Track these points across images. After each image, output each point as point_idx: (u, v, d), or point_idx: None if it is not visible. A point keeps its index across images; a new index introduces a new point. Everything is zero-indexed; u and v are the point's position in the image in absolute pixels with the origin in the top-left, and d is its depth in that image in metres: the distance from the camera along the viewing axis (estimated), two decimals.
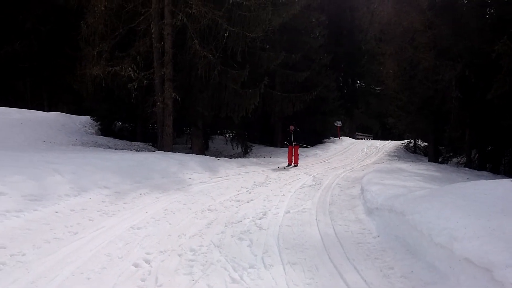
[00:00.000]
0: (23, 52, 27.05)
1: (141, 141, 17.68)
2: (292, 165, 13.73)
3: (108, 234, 4.92)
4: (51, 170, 7.56)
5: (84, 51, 13.96)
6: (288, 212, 6.28)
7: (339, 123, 25.91)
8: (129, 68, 12.93)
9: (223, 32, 13.10)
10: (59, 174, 7.42)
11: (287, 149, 19.62)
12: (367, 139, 32.60)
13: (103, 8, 13.00)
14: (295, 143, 13.83)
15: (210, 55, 13.05)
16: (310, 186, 9.02)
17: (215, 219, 5.81)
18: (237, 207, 6.68)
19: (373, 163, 15.42)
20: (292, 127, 13.93)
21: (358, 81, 34.04)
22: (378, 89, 30.60)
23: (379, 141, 27.96)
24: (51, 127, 16.66)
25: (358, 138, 31.43)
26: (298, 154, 13.98)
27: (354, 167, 13.90)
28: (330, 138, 24.44)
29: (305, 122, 20.81)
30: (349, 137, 28.87)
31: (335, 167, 13.54)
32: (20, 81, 29.77)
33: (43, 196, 6.27)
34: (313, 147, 20.37)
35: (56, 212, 5.79)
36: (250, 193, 8.08)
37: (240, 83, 13.87)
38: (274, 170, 12.54)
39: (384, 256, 4.34)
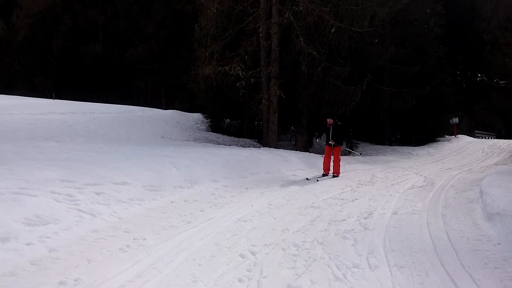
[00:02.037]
0: (145, 55, 29.94)
1: (247, 138, 18.32)
2: (330, 174, 9.95)
3: (217, 225, 5.21)
4: (167, 163, 8.25)
5: (197, 52, 14.94)
6: (396, 213, 5.99)
7: (456, 120, 23.81)
8: (238, 67, 13.49)
9: (329, 28, 12.92)
10: (175, 167, 8.05)
11: (399, 147, 18.68)
12: (488, 138, 29.50)
13: (215, 10, 13.76)
14: (334, 143, 9.97)
15: (315, 52, 12.99)
16: (420, 187, 8.49)
17: (318, 216, 5.79)
18: (341, 205, 6.57)
19: (495, 164, 13.92)
20: (330, 120, 10.05)
21: (479, 75, 30.90)
22: (503, 83, 27.49)
23: (502, 140, 25.09)
24: (167, 124, 18.15)
25: (478, 137, 28.57)
26: (339, 160, 10.01)
27: (472, 168, 12.69)
28: (444, 137, 22.62)
29: (417, 119, 19.61)
30: (467, 135, 26.41)
31: (449, 168, 12.50)
32: (142, 81, 33.02)
33: (161, 187, 6.87)
34: (425, 146, 19.08)
35: (172, 202, 6.31)
36: (354, 191, 7.88)
37: (341, 79, 13.55)
38: (302, 182, 9.20)
39: (506, 266, 3.91)
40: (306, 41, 13.03)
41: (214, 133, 18.74)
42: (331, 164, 10.04)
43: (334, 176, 9.82)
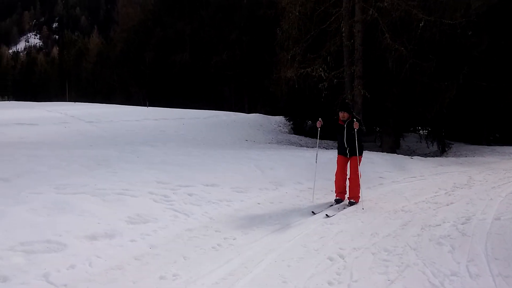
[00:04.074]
0: (228, 61, 30.96)
1: (330, 140, 18.07)
2: (346, 200, 6.73)
3: (303, 227, 5.22)
4: (253, 166, 8.46)
5: (279, 55, 15.14)
6: (498, 218, 5.51)
7: None
8: (320, 69, 13.42)
9: (417, 22, 12.31)
10: (259, 170, 8.23)
11: (499, 147, 16.93)
12: None
13: (297, 13, 13.86)
14: (352, 149, 6.65)
15: (402, 48, 12.45)
16: None
17: (410, 221, 5.53)
18: (434, 209, 6.20)
19: None
20: (345, 115, 6.63)
21: None
22: None
23: None
24: (251, 127, 18.59)
25: None
26: (358, 176, 6.63)
27: None
28: None
29: None
30: None
31: None
32: (226, 86, 34.21)
33: (247, 189, 7.06)
34: None
35: (258, 204, 6.45)
36: (449, 195, 7.40)
37: (432, 75, 12.77)
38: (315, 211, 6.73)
39: None
40: (392, 38, 12.55)
41: (297, 135, 18.79)
42: (347, 184, 6.81)
43: (350, 203, 6.54)
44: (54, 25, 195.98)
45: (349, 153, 6.73)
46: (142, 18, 43.49)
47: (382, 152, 13.56)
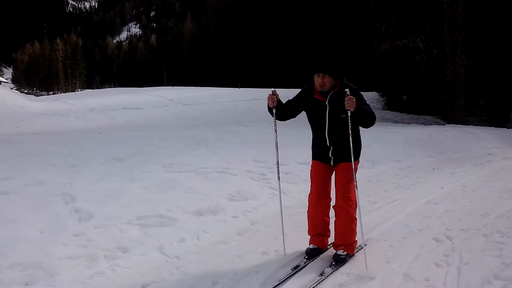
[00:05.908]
0: (318, 36, 30.30)
1: (428, 115, 17.06)
2: (327, 250, 3.66)
3: (404, 206, 5.04)
4: None
5: (372, 28, 14.47)
6: None
7: None
8: (418, 39, 12.59)
9: None
10: None
11: None
12: None
13: None
14: (341, 149, 3.47)
15: None
16: None
17: None
18: None
19: None
20: (325, 80, 3.29)
21: None
22: None
23: None
24: None
25: None
26: (354, 202, 3.44)
27: None
28: None
29: None
30: None
31: None
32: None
33: None
34: None
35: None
36: None
37: None
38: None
39: None
40: (503, 1, 11.29)
41: (391, 112, 17.97)
42: (327, 217, 3.76)
43: (336, 260, 3.41)
44: (152, 13, 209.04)
45: (333, 157, 3.53)
46: (232, 0, 44.36)
47: (489, 126, 12.46)
